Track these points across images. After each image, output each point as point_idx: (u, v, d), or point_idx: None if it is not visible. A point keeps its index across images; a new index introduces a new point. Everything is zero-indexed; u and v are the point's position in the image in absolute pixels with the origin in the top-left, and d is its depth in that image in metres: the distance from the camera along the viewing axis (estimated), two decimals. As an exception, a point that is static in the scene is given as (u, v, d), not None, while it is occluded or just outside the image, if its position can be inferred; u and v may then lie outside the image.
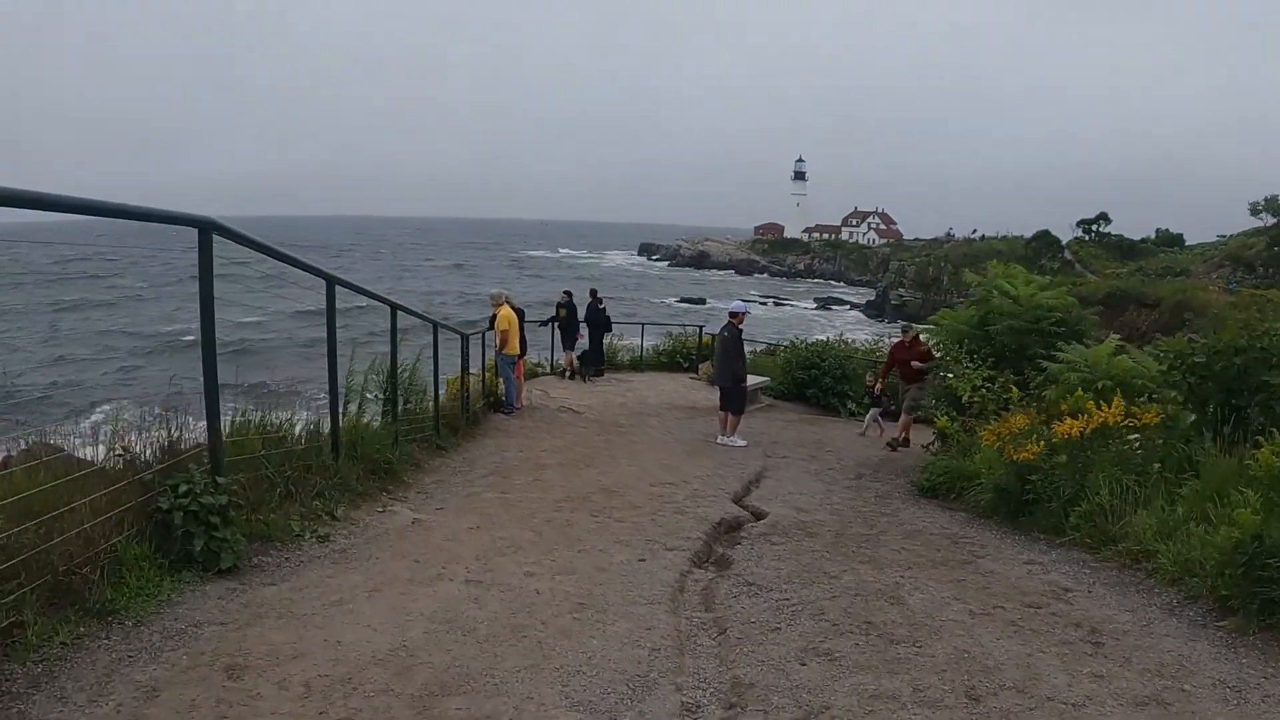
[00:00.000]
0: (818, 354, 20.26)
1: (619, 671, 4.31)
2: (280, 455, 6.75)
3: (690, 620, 5.21)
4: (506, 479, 9.40)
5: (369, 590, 5.25)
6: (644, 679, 4.26)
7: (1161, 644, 4.90)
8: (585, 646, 4.58)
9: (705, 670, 4.46)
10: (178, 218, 5.07)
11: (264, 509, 6.18)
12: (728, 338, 13.56)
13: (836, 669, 4.45)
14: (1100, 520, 6.99)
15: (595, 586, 5.61)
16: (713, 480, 9.97)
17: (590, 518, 7.63)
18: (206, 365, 5.43)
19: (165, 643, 4.28)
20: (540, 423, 14.35)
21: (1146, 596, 5.74)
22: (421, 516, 7.31)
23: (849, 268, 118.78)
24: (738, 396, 13.39)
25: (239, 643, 4.34)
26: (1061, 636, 5.00)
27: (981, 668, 4.50)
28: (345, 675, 4.08)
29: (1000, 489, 8.33)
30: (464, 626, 4.75)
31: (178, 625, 4.50)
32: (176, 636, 4.37)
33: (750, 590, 5.74)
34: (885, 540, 7.34)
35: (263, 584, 5.27)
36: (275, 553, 5.86)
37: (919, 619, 5.22)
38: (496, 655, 4.39)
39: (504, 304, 15.36)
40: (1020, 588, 5.95)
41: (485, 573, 5.74)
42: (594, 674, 4.26)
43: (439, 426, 11.32)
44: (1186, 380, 8.10)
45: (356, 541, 6.42)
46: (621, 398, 17.99)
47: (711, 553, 6.94)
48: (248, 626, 4.56)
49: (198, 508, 5.14)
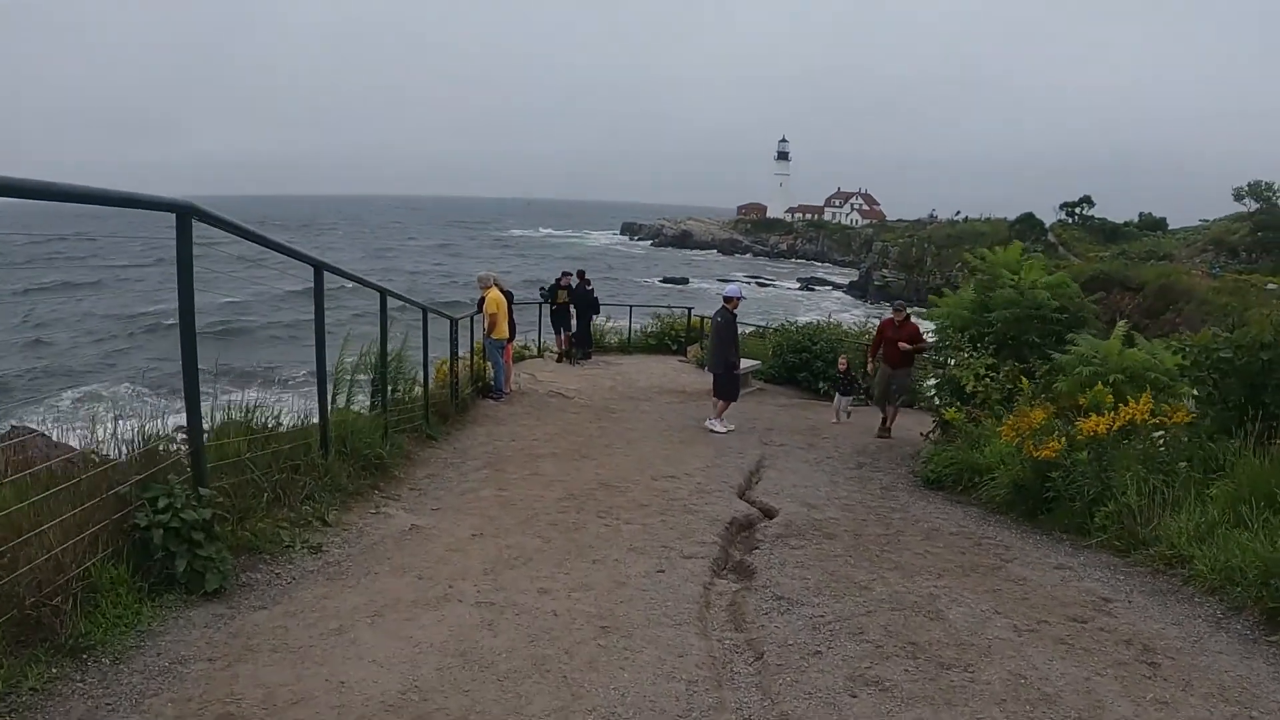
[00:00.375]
0: (809, 337, 19.83)
1: (658, 711, 3.91)
2: (267, 457, 6.28)
3: (723, 643, 4.81)
4: (502, 472, 8.98)
5: (371, 614, 4.79)
6: (686, 719, 3.87)
7: (1217, 663, 4.63)
8: (616, 681, 4.17)
9: (749, 706, 4.05)
10: (157, 203, 4.61)
11: (251, 518, 5.71)
12: (720, 323, 13.14)
13: (890, 701, 4.09)
14: (1128, 522, 6.70)
15: (616, 605, 5.20)
16: (713, 472, 9.61)
17: (598, 519, 7.22)
18: (187, 365, 4.94)
19: (148, 685, 3.80)
20: (530, 408, 13.93)
21: (1189, 607, 5.46)
22: (419, 521, 6.81)
23: (832, 248, 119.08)
24: (729, 383, 13.05)
25: (230, 685, 3.88)
26: (1115, 656, 4.70)
27: (1041, 695, 4.19)
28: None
29: (1018, 485, 8.00)
30: (480, 660, 4.31)
31: (161, 662, 4.02)
32: (160, 677, 3.89)
33: (780, 605, 5.35)
34: (906, 542, 7.01)
35: (253, 607, 4.78)
36: (264, 567, 5.38)
37: (964, 637, 4.88)
38: (520, 695, 3.96)
39: (492, 286, 14.88)
40: (1059, 598, 5.63)
41: (496, 591, 5.31)
42: (631, 716, 3.86)
43: (428, 415, 10.86)
44: (1211, 377, 7.77)
45: (351, 552, 5.94)
46: (610, 381, 17.63)
47: (729, 558, 6.56)
48: (239, 663, 4.10)
49: (179, 524, 4.64)
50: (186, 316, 4.88)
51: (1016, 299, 12.00)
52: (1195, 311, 44.77)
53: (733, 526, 7.40)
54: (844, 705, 4.03)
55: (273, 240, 6.04)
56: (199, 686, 3.83)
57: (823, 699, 4.08)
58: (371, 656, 4.24)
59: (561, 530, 6.81)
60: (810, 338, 19.75)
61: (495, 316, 14.51)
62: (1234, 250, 66.77)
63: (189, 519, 4.68)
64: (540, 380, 16.91)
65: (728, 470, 9.76)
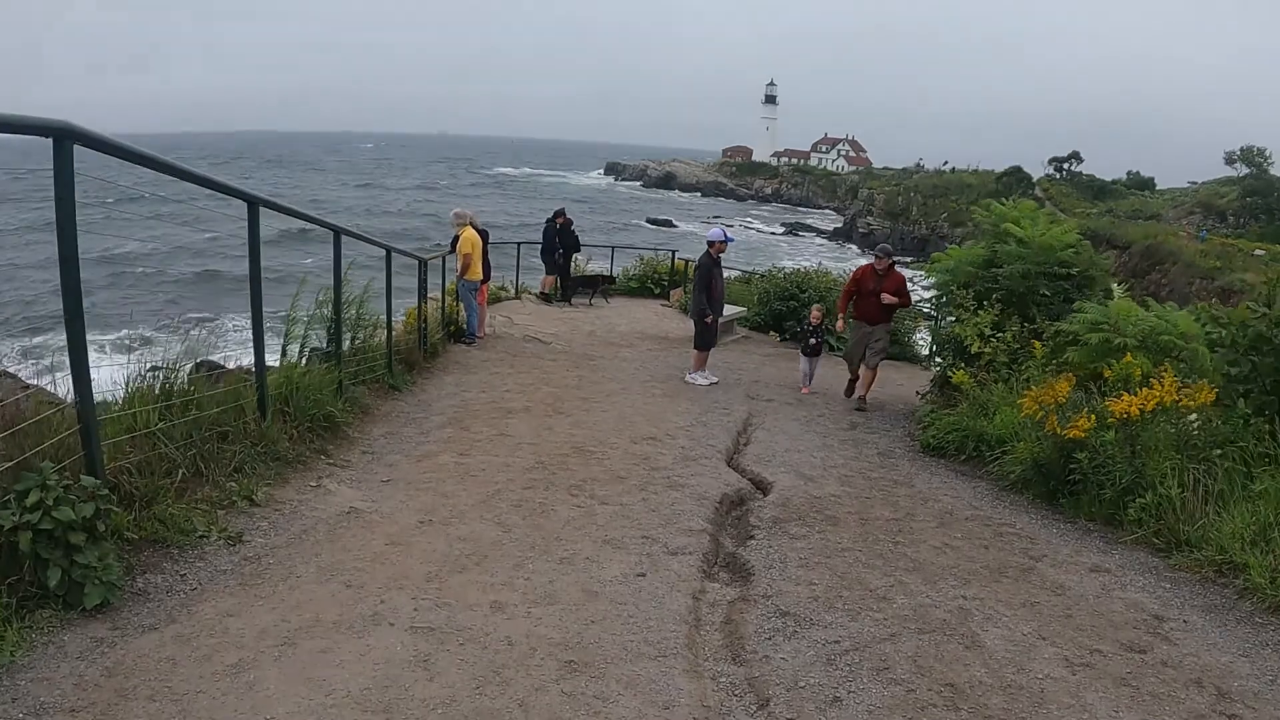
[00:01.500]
0: (797, 284, 19.05)
1: None
2: (186, 425, 5.33)
3: (718, 683, 3.89)
4: (467, 430, 8.06)
5: (280, 642, 3.83)
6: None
7: (1302, 713, 3.80)
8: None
9: (757, 791, 3.16)
10: (29, 125, 3.65)
11: (160, 501, 4.74)
12: (699, 267, 12.41)
13: (934, 781, 3.22)
14: (1169, 517, 5.95)
15: (586, 626, 4.25)
16: (698, 432, 8.81)
17: (569, 498, 6.30)
18: (71, 320, 3.97)
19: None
20: (504, 354, 13.02)
21: (1253, 631, 4.67)
22: (361, 503, 5.81)
23: (817, 194, 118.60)
24: (703, 332, 12.24)
25: None
26: (1190, 706, 3.87)
27: (1116, 769, 3.34)
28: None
29: (1038, 464, 7.19)
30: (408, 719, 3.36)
31: (15, 714, 3.08)
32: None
33: (786, 625, 4.46)
34: (918, 529, 6.21)
35: (142, 627, 3.82)
36: (169, 566, 4.41)
37: (1009, 676, 4.03)
38: None
39: (467, 225, 13.92)
40: (1106, 615, 4.82)
41: (438, 608, 4.34)
42: None
43: (392, 364, 9.90)
44: (1249, 357, 6.94)
45: (275, 543, 4.95)
46: (590, 326, 16.81)
47: (720, 551, 5.67)
48: (105, 718, 3.15)
49: (52, 525, 3.70)
50: (69, 263, 3.93)
51: (1025, 253, 11.08)
52: (1181, 273, 44.57)
53: (723, 505, 6.56)
54: (876, 787, 3.17)
55: (195, 172, 5.09)
56: None
57: (848, 776, 3.21)
58: (270, 711, 3.29)
59: (526, 514, 5.88)
60: (799, 285, 18.96)
61: (469, 257, 13.59)
62: (1222, 214, 67.19)
63: (64, 518, 3.73)
64: (516, 324, 16.05)
65: (714, 430, 8.99)
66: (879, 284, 11.36)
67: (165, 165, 4.74)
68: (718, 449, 8.25)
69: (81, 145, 3.92)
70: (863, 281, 11.54)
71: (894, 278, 11.46)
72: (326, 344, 8.38)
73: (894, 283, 11.42)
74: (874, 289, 11.35)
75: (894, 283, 11.42)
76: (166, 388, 5.58)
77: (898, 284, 11.45)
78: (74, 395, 4.15)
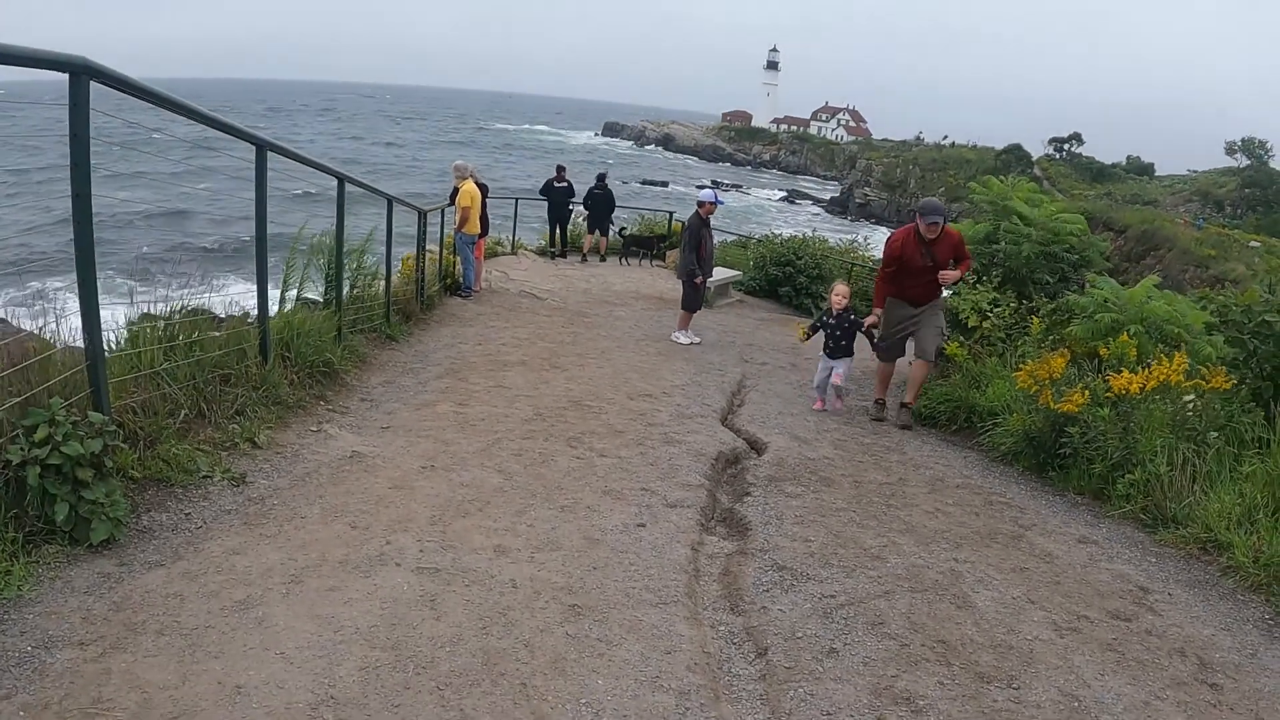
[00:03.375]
0: (794, 251, 19.07)
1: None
2: (190, 366, 5.35)
3: (717, 631, 3.98)
4: (464, 381, 8.09)
5: (288, 580, 3.86)
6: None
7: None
8: (588, 692, 3.30)
9: (757, 733, 3.23)
10: (44, 59, 3.63)
11: (164, 441, 4.75)
12: (688, 228, 12.34)
13: (927, 731, 3.30)
14: (1156, 494, 6.02)
15: (588, 573, 4.32)
16: (693, 391, 8.85)
17: (568, 449, 6.35)
18: (81, 259, 3.98)
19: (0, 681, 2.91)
20: (500, 309, 13.02)
21: (1234, 607, 4.75)
22: (363, 446, 5.87)
23: (815, 162, 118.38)
24: (690, 292, 12.22)
25: (99, 685, 2.95)
26: (1172, 672, 3.96)
27: (1103, 728, 3.43)
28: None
29: (1030, 436, 7.27)
30: (417, 656, 3.39)
31: (22, 646, 3.09)
32: (16, 669, 2.97)
33: (783, 579, 4.53)
34: (910, 494, 6.26)
35: (148, 564, 3.83)
36: (173, 505, 4.42)
37: (999, 635, 4.12)
38: (465, 716, 3.05)
39: (468, 178, 13.88)
40: (1093, 584, 4.90)
41: (443, 550, 4.38)
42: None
43: (389, 314, 9.92)
44: (1252, 341, 7.00)
45: (279, 485, 4.98)
46: (586, 283, 16.78)
47: (717, 506, 5.74)
48: (116, 650, 3.16)
49: (60, 460, 3.70)
50: (81, 200, 3.92)
51: (1030, 233, 11.11)
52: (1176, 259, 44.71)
53: (719, 463, 6.62)
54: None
55: (208, 113, 5.06)
56: (60, 687, 2.91)
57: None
58: (280, 646, 3.32)
59: (526, 463, 5.92)
60: (795, 252, 18.97)
61: (468, 210, 13.56)
62: (1219, 203, 67.38)
63: (72, 453, 3.74)
64: (513, 279, 16.02)
65: (708, 390, 9.03)
66: (929, 254, 8.57)
67: (180, 105, 4.74)
68: (713, 408, 8.29)
69: (98, 82, 3.90)
70: (907, 255, 8.65)
71: (948, 241, 8.65)
72: (326, 291, 8.39)
73: (949, 248, 8.64)
74: (923, 263, 8.58)
75: (949, 248, 8.64)
76: (171, 329, 5.59)
77: (954, 248, 8.69)
78: (82, 331, 4.15)
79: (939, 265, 8.53)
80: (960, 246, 8.75)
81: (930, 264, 8.54)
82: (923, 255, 8.56)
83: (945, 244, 8.59)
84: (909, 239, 8.66)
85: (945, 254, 8.58)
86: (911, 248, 8.62)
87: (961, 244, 8.79)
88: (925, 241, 8.55)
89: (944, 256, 8.58)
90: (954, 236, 8.74)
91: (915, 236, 8.61)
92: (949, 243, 8.63)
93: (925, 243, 8.55)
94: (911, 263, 8.61)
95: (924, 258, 8.56)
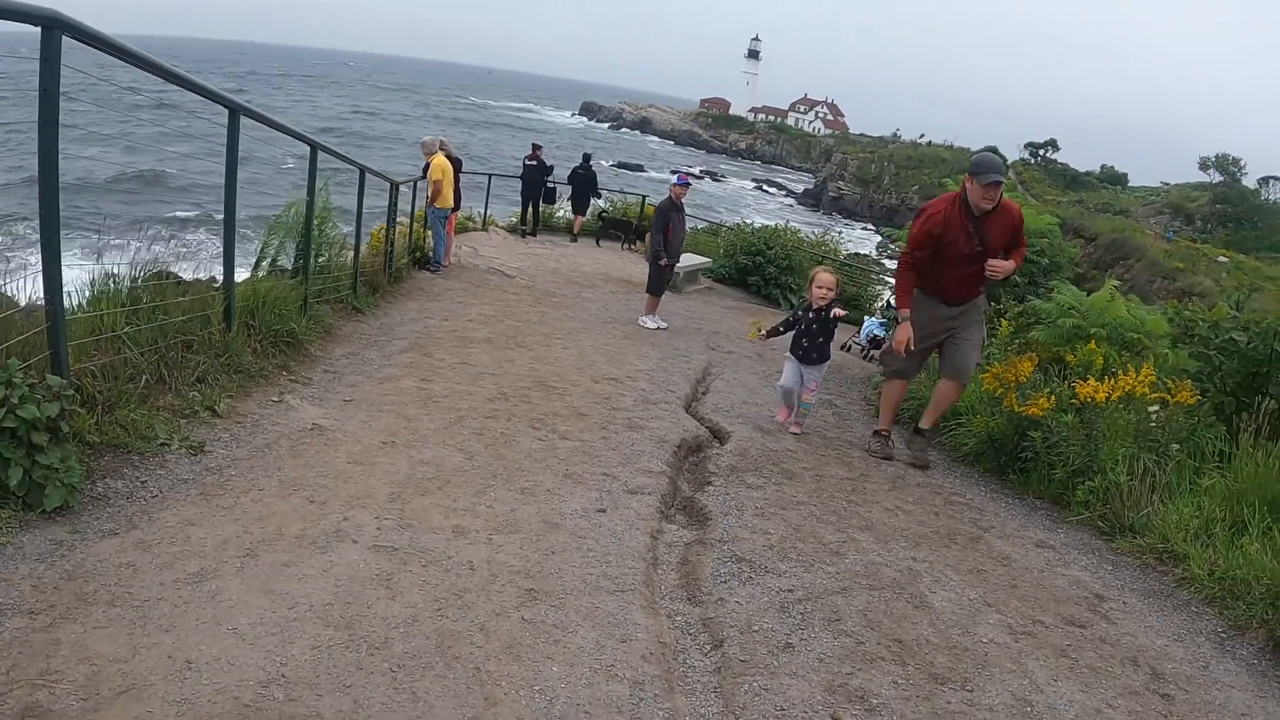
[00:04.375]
0: (765, 241, 19.14)
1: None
2: (152, 330, 5.24)
3: (674, 621, 3.94)
4: (429, 356, 8.01)
5: (242, 553, 3.77)
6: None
7: (1231, 700, 3.97)
8: (542, 678, 3.25)
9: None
10: (13, 10, 3.51)
11: (123, 406, 4.65)
12: (658, 210, 12.28)
13: (881, 730, 3.30)
14: (1115, 503, 6.06)
15: (546, 556, 4.27)
16: (658, 377, 8.81)
17: (531, 430, 6.29)
18: (45, 217, 3.86)
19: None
20: (468, 284, 12.96)
21: (1188, 619, 4.79)
22: (324, 419, 5.77)
23: (790, 153, 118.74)
24: (656, 275, 12.15)
25: (48, 656, 2.87)
26: (1124, 681, 3.99)
27: (1055, 734, 3.45)
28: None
29: (992, 438, 7.30)
30: (371, 637, 3.32)
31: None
32: None
33: (741, 571, 4.51)
34: (871, 490, 6.27)
35: (101, 532, 3.73)
36: (129, 472, 4.31)
37: (955, 637, 4.13)
38: (417, 698, 3.00)
39: (438, 152, 13.78)
40: (1049, 589, 4.93)
41: (401, 528, 4.31)
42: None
43: (356, 286, 9.81)
44: (1219, 358, 7.07)
45: (238, 455, 4.88)
46: (555, 263, 16.77)
47: (678, 494, 5.71)
48: (66, 620, 3.07)
49: (15, 423, 3.60)
50: (48, 159, 3.81)
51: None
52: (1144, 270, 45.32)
53: (681, 450, 6.58)
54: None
55: (182, 74, 4.95)
56: (7, 657, 2.82)
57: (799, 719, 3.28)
58: (232, 622, 3.24)
59: (488, 442, 5.86)
60: (766, 242, 19.05)
61: (439, 184, 13.46)
62: (1190, 217, 68.24)
63: (28, 416, 3.64)
64: (482, 255, 15.97)
65: (673, 376, 8.99)
66: (977, 235, 6.57)
67: (153, 65, 4.63)
68: (677, 395, 8.25)
69: (70, 37, 3.79)
70: (949, 234, 6.62)
71: (1004, 219, 6.65)
72: (295, 259, 8.28)
73: (1005, 229, 6.66)
74: (968, 247, 6.59)
75: (1005, 229, 6.66)
76: (134, 293, 5.48)
77: (1011, 230, 6.71)
78: (43, 292, 4.05)
79: (989, 251, 6.60)
80: (1018, 228, 6.78)
81: (978, 248, 6.58)
82: (969, 236, 6.57)
83: (1000, 222, 6.62)
84: (952, 213, 6.63)
85: (999, 236, 6.64)
86: (955, 225, 6.59)
87: (1020, 224, 6.80)
88: (973, 216, 6.56)
89: (997, 240, 6.63)
90: (1013, 213, 6.72)
91: (960, 210, 6.61)
92: (1006, 221, 6.66)
93: (973, 218, 6.56)
94: (953, 246, 6.61)
95: (970, 240, 6.57)
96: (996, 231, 6.59)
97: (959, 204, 6.58)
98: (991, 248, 6.58)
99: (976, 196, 6.44)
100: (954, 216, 6.58)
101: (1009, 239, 6.70)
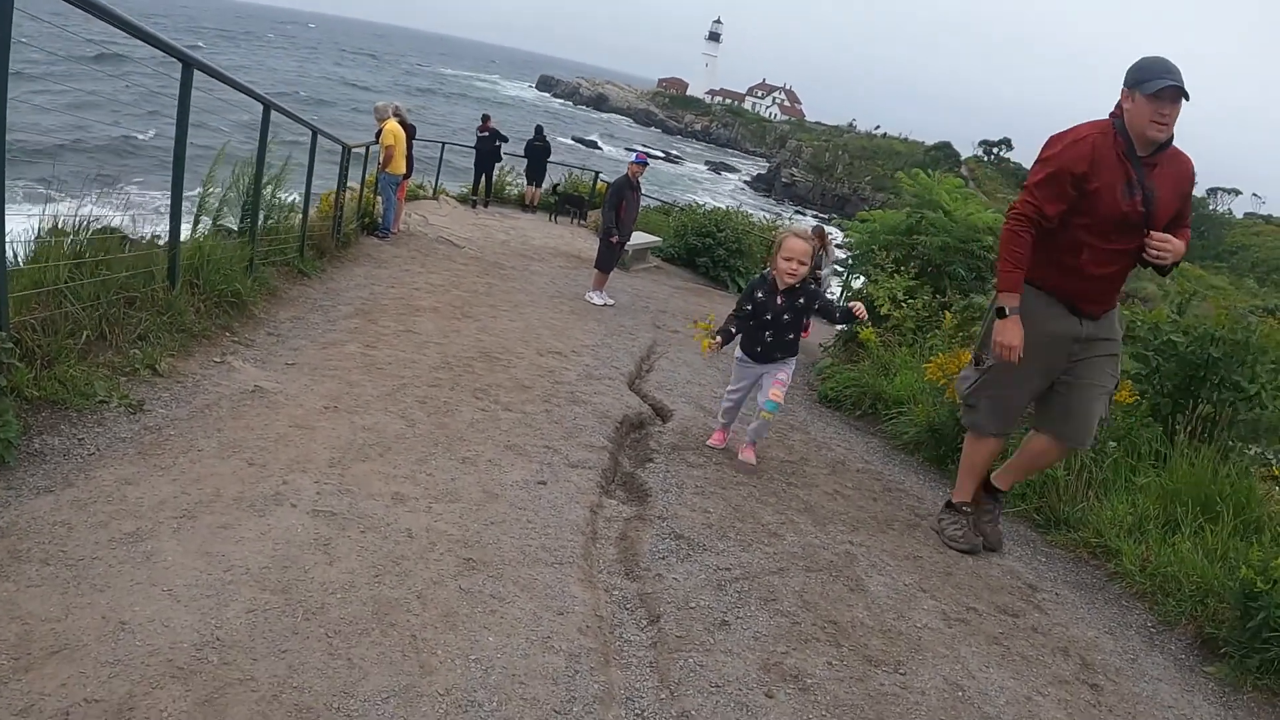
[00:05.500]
0: (715, 223, 19.22)
1: (529, 701, 3.00)
2: (95, 285, 5.10)
3: (611, 595, 3.93)
4: (374, 323, 7.91)
5: (179, 514, 3.69)
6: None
7: (1159, 693, 4.07)
8: (478, 647, 3.23)
9: (643, 697, 3.20)
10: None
11: (62, 360, 4.54)
12: (612, 186, 12.33)
13: (813, 707, 3.33)
14: (1051, 496, 6.18)
15: (485, 527, 4.23)
16: (603, 353, 8.81)
17: (474, 400, 6.24)
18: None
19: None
20: (416, 252, 12.84)
21: (1119, 612, 4.89)
22: (265, 381, 5.66)
23: (745, 137, 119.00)
24: (606, 251, 12.16)
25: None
26: (1054, 670, 4.07)
27: (982, 717, 3.52)
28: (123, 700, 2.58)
29: (933, 429, 7.39)
30: (307, 601, 3.27)
31: None
32: None
33: (679, 548, 4.51)
34: (811, 473, 6.31)
35: (36, 489, 3.64)
36: (67, 429, 4.21)
37: (890, 621, 4.17)
38: (353, 664, 2.96)
39: (390, 118, 13.61)
40: (983, 578, 4.99)
41: (340, 494, 4.25)
42: (494, 706, 2.94)
43: (304, 248, 9.65)
44: (1158, 359, 7.19)
45: (177, 415, 4.77)
46: (504, 235, 16.71)
47: (619, 469, 5.70)
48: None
49: None
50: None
51: (949, 225, 11.27)
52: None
53: (624, 426, 6.57)
54: (757, 708, 3.23)
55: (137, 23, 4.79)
56: None
57: (732, 696, 3.27)
58: (168, 583, 3.17)
59: (430, 411, 5.80)
60: (717, 224, 19.13)
61: (391, 149, 13.30)
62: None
63: (-36, 371, 3.51)
64: (431, 224, 15.84)
65: (618, 353, 9.00)
66: (1141, 187, 4.38)
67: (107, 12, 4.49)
68: (621, 371, 8.25)
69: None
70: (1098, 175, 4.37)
71: (1179, 167, 4.52)
72: (241, 219, 8.13)
73: (1177, 183, 4.53)
74: (1127, 205, 4.39)
75: (1177, 183, 4.53)
76: (77, 246, 5.34)
77: (1184, 192, 4.60)
78: None
79: (1153, 216, 4.43)
80: (1190, 191, 4.68)
81: (1141, 209, 4.39)
82: (1128, 188, 4.37)
83: (1173, 171, 4.49)
84: (1104, 145, 4.39)
85: (1170, 194, 4.49)
86: (1110, 165, 4.38)
87: (1192, 182, 4.66)
88: (1136, 158, 4.37)
89: (1169, 199, 4.49)
90: (1187, 163, 4.54)
91: (1118, 145, 4.40)
92: (1180, 171, 4.54)
93: (1136, 160, 4.37)
94: (1105, 200, 4.38)
95: (1130, 194, 4.37)
96: (1169, 185, 4.47)
97: (1114, 136, 4.40)
98: (1160, 208, 4.44)
99: (1143, 119, 4.27)
100: (1107, 152, 4.38)
101: (1179, 203, 4.58)
